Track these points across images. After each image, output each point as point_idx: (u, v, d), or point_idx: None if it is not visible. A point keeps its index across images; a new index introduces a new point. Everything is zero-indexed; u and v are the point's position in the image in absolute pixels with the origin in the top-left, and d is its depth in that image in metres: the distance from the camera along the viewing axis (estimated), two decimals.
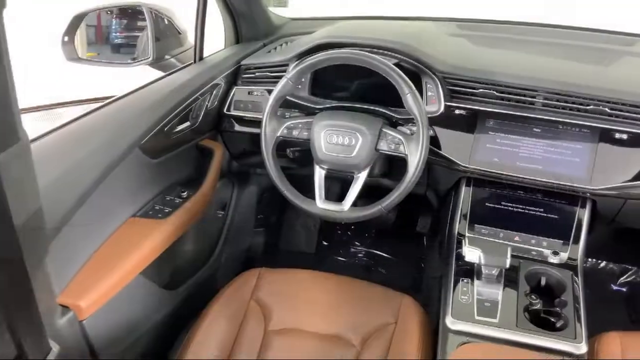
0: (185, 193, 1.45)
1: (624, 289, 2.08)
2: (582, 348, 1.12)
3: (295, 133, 1.39)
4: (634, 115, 1.31)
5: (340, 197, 1.36)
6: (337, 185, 1.73)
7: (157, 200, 1.39)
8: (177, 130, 1.44)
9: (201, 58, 1.63)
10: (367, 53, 1.32)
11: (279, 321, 1.37)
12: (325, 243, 2.32)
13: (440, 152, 1.43)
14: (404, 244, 2.27)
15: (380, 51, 1.44)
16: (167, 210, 1.36)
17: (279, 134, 1.38)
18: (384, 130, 1.33)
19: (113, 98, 1.39)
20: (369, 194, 1.44)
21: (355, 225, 2.33)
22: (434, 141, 1.43)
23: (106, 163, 1.20)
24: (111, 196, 1.23)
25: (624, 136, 1.31)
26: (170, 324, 1.46)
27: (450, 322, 1.18)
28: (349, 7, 2.01)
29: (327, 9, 1.98)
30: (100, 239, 1.20)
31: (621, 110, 1.32)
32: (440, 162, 1.44)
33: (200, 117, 1.53)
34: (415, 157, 1.28)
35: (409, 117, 1.33)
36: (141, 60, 1.66)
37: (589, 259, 2.13)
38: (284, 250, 2.27)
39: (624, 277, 2.10)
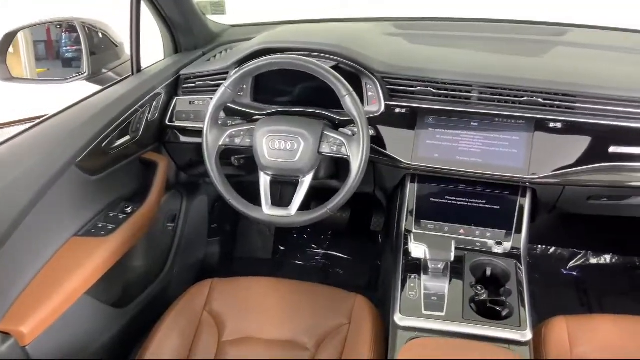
0: (130, 208, 1.42)
1: (574, 273, 2.15)
2: (527, 335, 1.15)
3: (237, 141, 1.38)
4: (567, 104, 1.35)
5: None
6: (292, 190, 1.73)
7: (99, 218, 1.36)
8: (116, 145, 1.41)
9: (139, 70, 1.60)
10: (304, 57, 1.33)
11: (233, 331, 1.36)
12: (281, 248, 2.32)
13: (384, 151, 1.44)
14: (360, 243, 2.29)
15: (319, 54, 1.44)
16: (110, 227, 1.33)
17: (221, 143, 1.37)
18: (325, 132, 1.34)
19: (46, 116, 1.35)
20: (321, 196, 1.45)
21: (311, 228, 2.34)
22: (377, 140, 1.44)
23: (41, 183, 1.17)
24: (49, 217, 1.20)
25: (559, 125, 1.35)
26: (122, 343, 1.44)
27: (399, 319, 1.19)
28: (290, 12, 2.01)
29: (267, 14, 1.97)
30: (40, 262, 1.17)
31: (554, 100, 1.36)
32: (385, 160, 1.45)
33: (141, 130, 1.51)
34: (357, 158, 1.29)
35: (351, 119, 1.35)
36: (76, 76, 1.62)
37: (539, 246, 2.19)
38: (240, 258, 2.26)
39: (573, 261, 2.17)
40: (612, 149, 1.33)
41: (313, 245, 2.33)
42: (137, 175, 1.55)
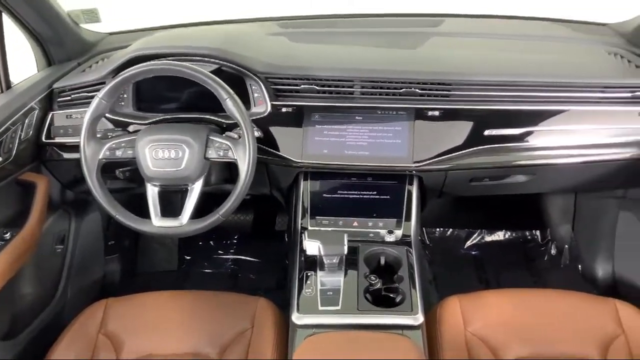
0: (8, 234, 1.34)
1: (472, 252, 2.25)
2: (419, 319, 1.19)
3: (119, 153, 1.33)
4: (443, 92, 1.42)
5: (199, 211, 1.33)
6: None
7: None
8: None
9: (8, 86, 1.50)
10: (180, 63, 1.30)
11: (131, 351, 1.31)
12: (187, 258, 2.26)
13: (274, 151, 1.44)
14: (267, 244, 2.28)
15: (198, 58, 1.42)
16: None
17: (100, 157, 1.31)
18: (210, 137, 1.31)
19: None
20: (220, 201, 1.42)
21: (216, 234, 2.30)
22: (267, 141, 1.44)
23: None
24: None
25: (436, 113, 1.41)
26: None
27: (296, 318, 1.20)
28: (170, 16, 1.96)
29: (147, 19, 1.90)
30: None
31: (431, 90, 1.42)
32: (276, 160, 1.45)
33: (15, 150, 1.41)
34: (244, 161, 1.28)
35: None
36: None
37: (438, 229, 2.28)
38: (144, 273, 2.18)
39: (470, 240, 2.28)
40: (488, 132, 1.41)
41: (220, 252, 2.30)
42: (14, 199, 1.45)
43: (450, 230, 2.28)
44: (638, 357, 1.23)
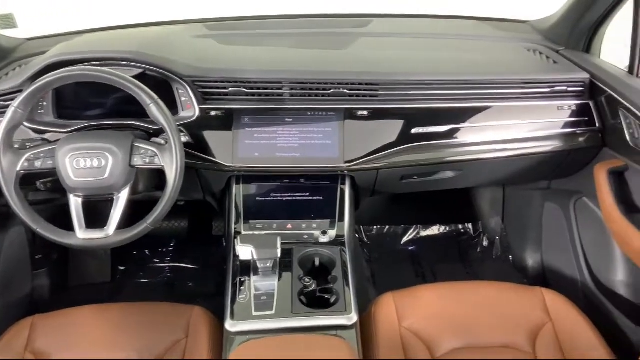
0: None
1: (409, 248, 2.29)
2: (353, 318, 1.19)
3: (38, 164, 1.26)
4: (371, 92, 1.43)
5: (132, 220, 1.28)
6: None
7: None
8: None
9: None
10: (99, 68, 1.25)
11: None
12: (121, 268, 2.19)
13: (204, 155, 1.42)
14: (205, 250, 2.24)
15: (120, 63, 1.37)
16: None
17: (19, 168, 1.24)
18: (135, 144, 1.27)
19: None
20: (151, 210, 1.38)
21: (151, 243, 2.24)
22: (197, 146, 1.41)
23: None
24: None
25: (366, 113, 1.42)
26: None
27: (230, 325, 1.18)
28: (91, 19, 1.89)
29: (68, 23, 1.83)
30: None
31: (359, 90, 1.43)
32: (207, 165, 1.43)
33: None
34: (171, 168, 1.24)
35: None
36: None
37: (375, 227, 2.31)
38: (77, 287, 2.09)
39: (406, 236, 2.31)
40: (415, 130, 1.44)
41: (156, 260, 2.24)
42: None
43: (387, 227, 2.32)
44: (565, 343, 1.28)
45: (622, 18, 1.52)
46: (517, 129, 1.48)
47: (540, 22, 1.83)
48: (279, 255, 1.25)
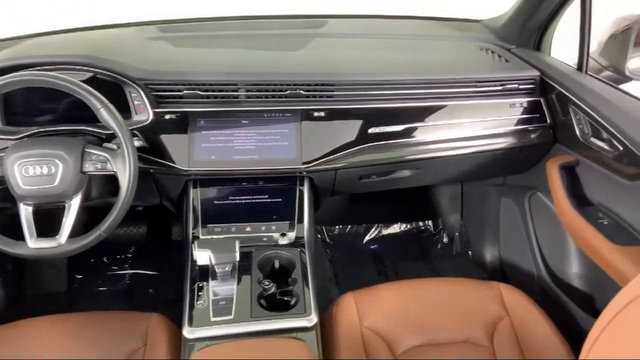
0: None
1: (371, 246, 2.30)
2: (313, 319, 1.19)
3: None
4: (327, 93, 1.43)
5: (89, 227, 1.25)
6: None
7: None
8: None
9: None
10: (46, 72, 1.22)
11: None
12: (78, 277, 2.13)
13: (159, 159, 1.39)
14: (165, 255, 2.20)
15: (69, 67, 1.34)
16: None
17: None
18: (86, 150, 1.24)
19: None
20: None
21: (108, 249, 2.19)
22: (151, 150, 1.39)
23: None
24: None
25: (322, 113, 1.43)
26: None
27: (188, 332, 1.16)
28: (40, 22, 1.83)
29: (17, 27, 1.77)
30: None
31: (315, 91, 1.43)
32: (162, 170, 1.40)
33: None
34: (124, 173, 1.22)
35: None
36: None
37: (337, 226, 2.31)
38: (33, 297, 2.03)
39: (368, 235, 2.33)
40: (372, 130, 1.45)
41: (114, 267, 2.18)
42: None
43: (349, 226, 2.32)
44: (521, 336, 1.30)
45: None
46: (471, 126, 1.51)
47: (492, 21, 1.86)
48: (238, 259, 1.23)
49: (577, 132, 1.44)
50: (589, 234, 1.30)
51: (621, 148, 1.28)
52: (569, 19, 1.56)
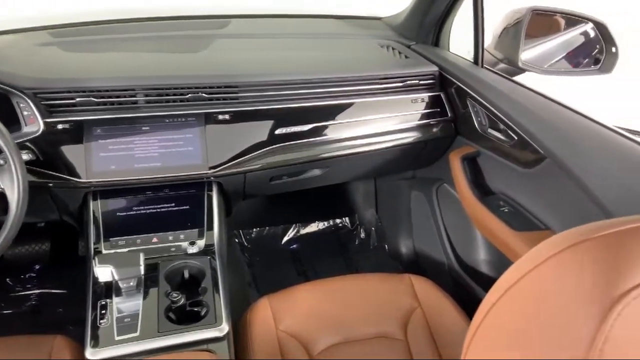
0: None
1: (289, 247, 2.29)
2: (224, 329, 1.16)
3: None
4: (231, 95, 1.40)
5: None
6: None
7: None
8: None
9: None
10: None
11: None
12: None
13: (53, 173, 1.31)
14: (72, 272, 2.08)
15: None
16: None
17: None
18: None
19: None
20: None
21: (10, 270, 2.05)
22: (45, 163, 1.30)
23: None
24: None
25: (227, 116, 1.39)
26: None
27: (90, 353, 1.10)
28: None
29: None
30: None
31: (218, 93, 1.39)
32: (58, 183, 1.32)
33: None
34: (12, 190, 1.13)
35: None
36: None
37: (254, 229, 2.28)
38: None
39: (287, 235, 2.31)
40: (279, 131, 1.43)
41: (18, 288, 2.05)
42: None
43: (267, 228, 2.30)
44: (433, 325, 1.34)
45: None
46: (377, 123, 1.53)
47: (392, 19, 1.90)
48: (143, 272, 1.18)
49: (476, 125, 1.49)
50: (491, 222, 1.36)
51: (516, 138, 1.34)
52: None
